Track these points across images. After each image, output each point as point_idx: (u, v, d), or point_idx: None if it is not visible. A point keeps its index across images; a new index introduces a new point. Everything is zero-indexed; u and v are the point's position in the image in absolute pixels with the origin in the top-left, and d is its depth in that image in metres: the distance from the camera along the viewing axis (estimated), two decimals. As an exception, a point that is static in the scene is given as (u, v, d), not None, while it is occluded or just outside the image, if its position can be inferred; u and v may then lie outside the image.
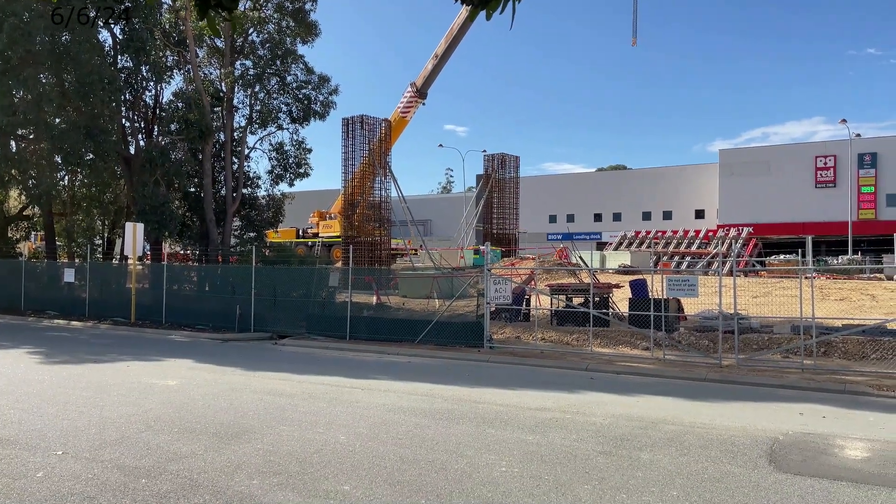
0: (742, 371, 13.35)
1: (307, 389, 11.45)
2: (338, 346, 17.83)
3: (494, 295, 16.71)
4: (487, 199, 45.80)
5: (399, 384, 12.16)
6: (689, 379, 12.93)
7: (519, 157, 47.10)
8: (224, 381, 12.28)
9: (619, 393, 11.53)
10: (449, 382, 12.30)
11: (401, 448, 7.60)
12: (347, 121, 34.59)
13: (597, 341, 16.48)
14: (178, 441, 7.84)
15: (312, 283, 20.30)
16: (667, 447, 7.78)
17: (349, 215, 34.53)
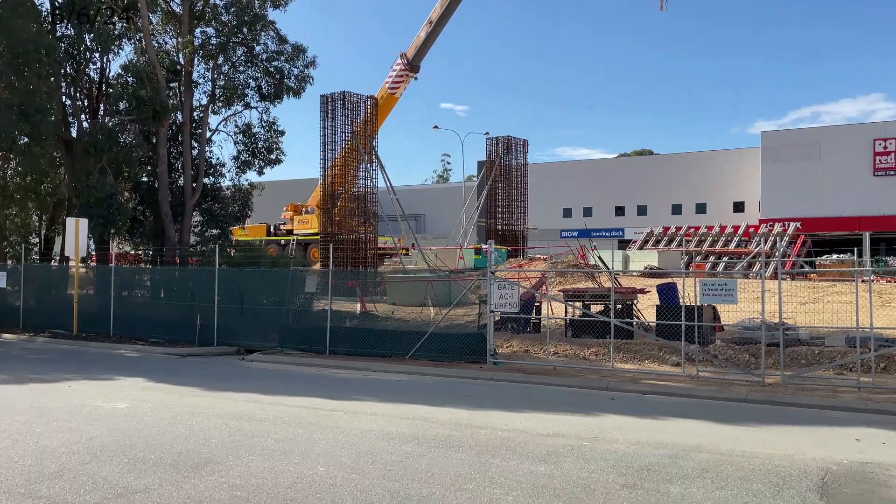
0: (788, 390, 13.38)
1: (280, 413, 11.45)
2: (316, 361, 17.85)
3: (499, 302, 16.75)
4: (491, 190, 45.85)
5: (387, 406, 12.14)
6: (726, 399, 12.96)
7: (527, 140, 47.16)
8: (183, 404, 12.26)
9: (645, 416, 11.54)
10: (446, 404, 12.29)
11: (389, 481, 7.61)
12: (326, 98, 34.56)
13: (619, 356, 16.52)
14: (128, 474, 7.84)
15: (286, 288, 20.32)
16: (700, 479, 7.81)
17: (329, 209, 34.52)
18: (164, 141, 26.65)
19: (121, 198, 25.59)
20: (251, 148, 29.08)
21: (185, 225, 27.38)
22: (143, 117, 25.10)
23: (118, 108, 26.14)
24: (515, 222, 46.16)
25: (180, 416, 11.19)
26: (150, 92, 24.98)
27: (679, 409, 12.18)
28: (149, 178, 28.12)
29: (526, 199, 46.87)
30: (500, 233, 45.39)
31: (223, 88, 27.93)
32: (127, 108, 25.89)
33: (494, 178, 45.64)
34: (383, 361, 17.28)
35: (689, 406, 12.48)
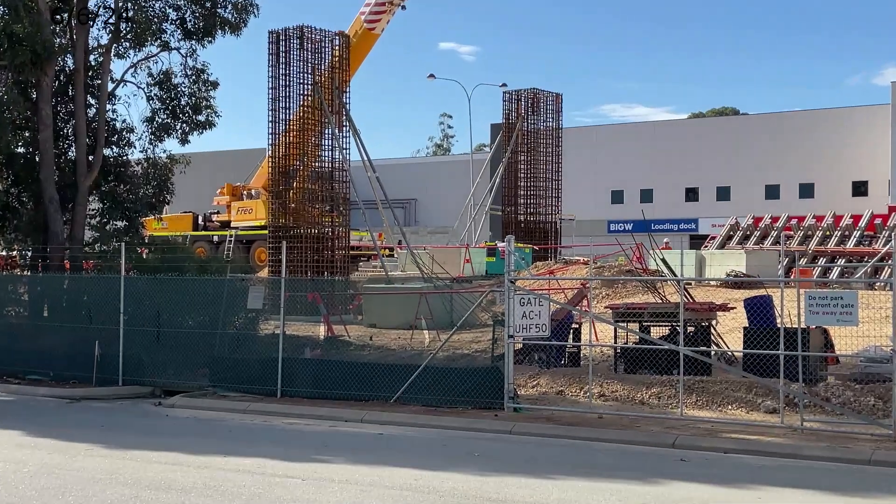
0: (931, 448, 13.36)
1: (212, 480, 11.42)
2: (263, 407, 17.81)
3: (522, 323, 16.71)
4: (510, 166, 45.83)
5: (363, 471, 12.11)
6: (843, 460, 12.91)
7: (561, 94, 47.14)
8: (75, 468, 12.22)
9: (729, 484, 11.50)
10: (446, 467, 12.25)
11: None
12: (278, 35, 34.51)
13: (691, 399, 16.46)
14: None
15: (220, 304, 20.28)
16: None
17: (280, 192, 34.51)
18: (48, 96, 26.57)
19: (-13, 176, 25.59)
20: (171, 106, 28.97)
21: (77, 215, 27.28)
22: (18, 63, 25.01)
23: (-17, 51, 26.11)
24: (544, 211, 46.12)
25: (71, 485, 11.16)
26: (29, 27, 24.92)
27: (777, 474, 12.14)
28: (27, 147, 28.01)
29: (560, 177, 46.85)
30: (523, 225, 45.32)
31: (131, 22, 27.85)
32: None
33: (515, 148, 45.60)
34: (358, 407, 17.23)
35: (791, 471, 12.44)
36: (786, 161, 67.25)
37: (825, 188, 65.49)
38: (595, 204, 70.47)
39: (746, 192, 67.68)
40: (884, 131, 61.26)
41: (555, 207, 46.51)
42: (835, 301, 14.71)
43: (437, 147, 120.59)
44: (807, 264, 39.79)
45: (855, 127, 65.31)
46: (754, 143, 68.91)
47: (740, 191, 68.56)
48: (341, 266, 34.27)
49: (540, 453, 13.69)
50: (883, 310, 17.81)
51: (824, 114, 68.49)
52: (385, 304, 26.69)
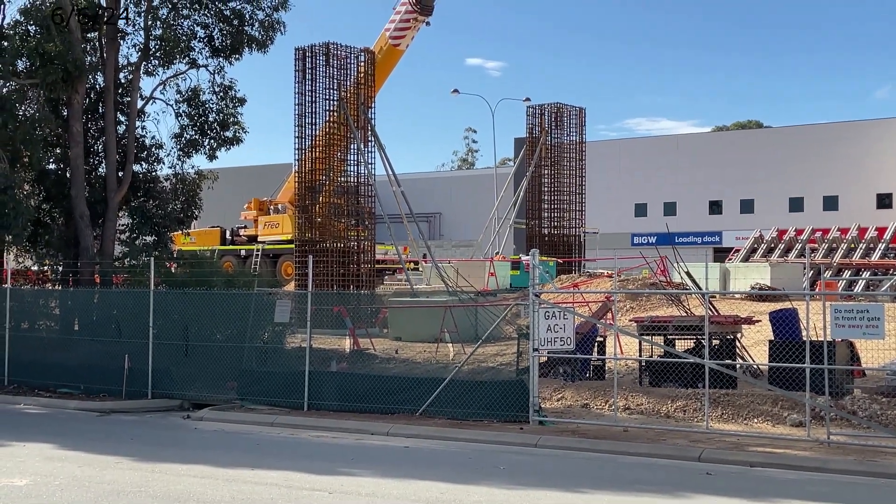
0: (959, 461, 13.23)
1: (240, 493, 11.45)
2: (290, 420, 17.88)
3: (546, 336, 16.69)
4: (534, 179, 45.80)
5: (390, 484, 12.11)
6: (870, 474, 12.81)
7: (584, 108, 47.11)
8: (105, 480, 12.28)
9: (755, 498, 11.44)
10: (472, 481, 12.23)
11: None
12: (304, 52, 34.72)
13: (716, 412, 16.37)
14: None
15: (248, 318, 20.37)
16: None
17: (307, 207, 34.64)
18: (78, 113, 26.85)
19: (19, 192, 25.74)
20: (199, 122, 29.21)
21: (107, 230, 27.53)
22: (50, 81, 25.30)
23: (15, 69, 26.38)
24: (568, 224, 46.03)
25: (100, 497, 11.22)
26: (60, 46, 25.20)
27: (804, 489, 12.06)
28: (58, 164, 28.31)
29: (583, 191, 46.76)
30: (548, 239, 45.25)
31: (160, 40, 28.13)
32: (28, 67, 26.15)
33: (539, 161, 45.56)
34: (384, 420, 17.28)
35: (818, 485, 12.34)
36: (809, 173, 66.85)
37: (849, 200, 65.04)
38: (619, 217, 70.27)
39: (770, 205, 67.30)
40: (910, 144, 60.87)
41: (578, 221, 46.41)
42: (861, 314, 14.62)
43: (461, 161, 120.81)
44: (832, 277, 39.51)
45: (878, 139, 64.90)
46: (777, 155, 68.55)
47: (764, 204, 68.16)
48: (367, 280, 34.31)
49: (565, 466, 13.64)
50: (909, 323, 17.66)
51: (847, 126, 68.06)
52: (410, 318, 26.69)
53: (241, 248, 47.47)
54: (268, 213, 47.62)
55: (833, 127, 68.92)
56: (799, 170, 67.28)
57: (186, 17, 28.50)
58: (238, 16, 28.34)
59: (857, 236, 44.10)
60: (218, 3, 28.16)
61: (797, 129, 71.73)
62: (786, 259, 43.14)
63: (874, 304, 16.75)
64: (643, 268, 39.53)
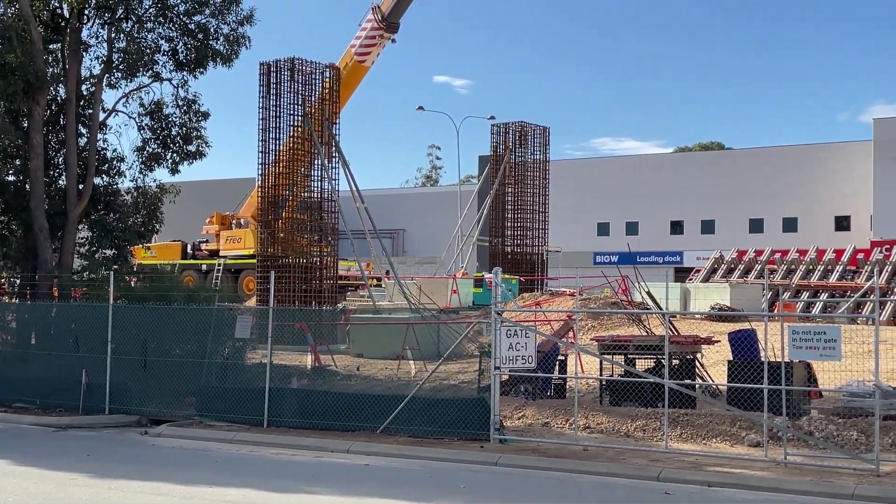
0: (913, 482, 13.39)
1: (198, 510, 11.37)
2: (250, 437, 17.74)
3: (508, 354, 16.72)
4: (497, 197, 45.98)
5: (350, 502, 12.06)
6: (826, 495, 12.92)
7: (548, 128, 47.44)
8: (61, 497, 12.13)
9: (713, 518, 11.50)
10: (433, 499, 12.21)
11: None
12: (269, 67, 34.67)
13: (675, 432, 16.46)
14: None
15: (208, 333, 20.24)
16: None
17: (269, 222, 34.53)
18: (39, 125, 26.59)
19: (-23, 204, 25.52)
20: (162, 136, 29.05)
21: (66, 243, 27.26)
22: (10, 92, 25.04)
23: (-26, 79, 26.14)
24: (531, 242, 46.23)
25: (56, 514, 11.08)
26: (21, 57, 24.99)
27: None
28: (17, 176, 27.99)
29: (547, 209, 47.04)
30: (510, 257, 45.41)
31: (124, 53, 27.97)
32: (-13, 78, 25.89)
33: (502, 180, 45.78)
34: (345, 438, 17.18)
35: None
36: (770, 195, 67.65)
37: (808, 223, 65.88)
38: (581, 236, 70.70)
39: (731, 226, 68.03)
40: (866, 167, 61.78)
41: (542, 239, 46.66)
42: (818, 336, 14.79)
43: (425, 178, 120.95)
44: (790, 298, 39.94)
45: (838, 162, 65.83)
46: (739, 177, 69.34)
47: (725, 224, 68.89)
48: (329, 296, 34.23)
49: (526, 485, 13.66)
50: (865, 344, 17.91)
51: (808, 149, 68.98)
52: (372, 334, 26.67)
53: (202, 263, 47.14)
54: (230, 228, 47.34)
55: (794, 150, 69.84)
56: (759, 191, 68.10)
57: (151, 30, 28.36)
58: (203, 30, 28.25)
59: (815, 258, 44.65)
60: (182, 16, 28.06)
61: (758, 151, 72.66)
62: (745, 280, 43.61)
63: (831, 326, 16.94)
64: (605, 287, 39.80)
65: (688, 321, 30.74)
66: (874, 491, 12.90)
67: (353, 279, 44.20)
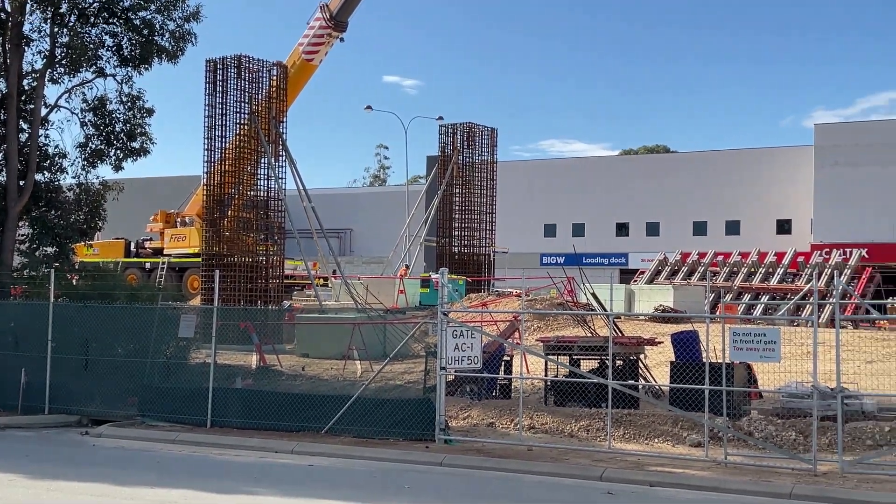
0: (849, 482, 13.63)
1: (139, 512, 11.26)
2: (193, 437, 17.61)
3: (454, 355, 16.75)
4: (445, 198, 46.03)
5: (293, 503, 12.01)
6: (765, 495, 13.13)
7: (496, 129, 47.57)
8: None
9: (654, 517, 11.62)
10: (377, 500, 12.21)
11: None
12: (215, 64, 34.39)
13: (619, 432, 16.62)
14: None
15: (151, 332, 20.03)
16: None
17: (215, 220, 34.24)
18: (-23, 120, 26.19)
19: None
20: (105, 132, 28.72)
21: (6, 240, 26.84)
22: (-52, 85, 24.66)
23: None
24: (478, 243, 46.36)
25: (-7, 516, 10.90)
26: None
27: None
28: (-46, 172, 27.52)
29: (494, 210, 47.18)
30: (458, 257, 45.48)
31: (67, 48, 27.59)
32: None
33: (450, 180, 45.83)
34: (289, 438, 17.11)
35: (714, 503, 12.61)
36: (713, 198, 68.43)
37: (751, 226, 66.72)
38: (528, 237, 70.94)
39: (675, 228, 68.69)
40: (807, 172, 62.76)
41: (489, 240, 46.79)
42: (758, 337, 15.02)
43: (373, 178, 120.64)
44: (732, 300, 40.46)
45: (780, 167, 66.76)
46: (683, 180, 70.05)
47: (669, 227, 69.54)
48: (275, 295, 34.06)
49: (470, 486, 13.70)
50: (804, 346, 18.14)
51: (751, 153, 69.83)
52: (318, 334, 26.55)
53: (146, 261, 46.71)
54: (174, 226, 46.93)
55: (737, 154, 70.68)
56: (703, 194, 68.88)
57: (95, 25, 28.02)
58: (148, 25, 28.00)
59: (757, 261, 45.25)
60: (127, 11, 27.79)
61: (703, 154, 73.49)
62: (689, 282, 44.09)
63: (771, 328, 17.21)
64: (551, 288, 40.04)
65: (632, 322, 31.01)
66: (811, 490, 13.13)
67: (299, 279, 43.99)
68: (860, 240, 56.28)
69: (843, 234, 58.44)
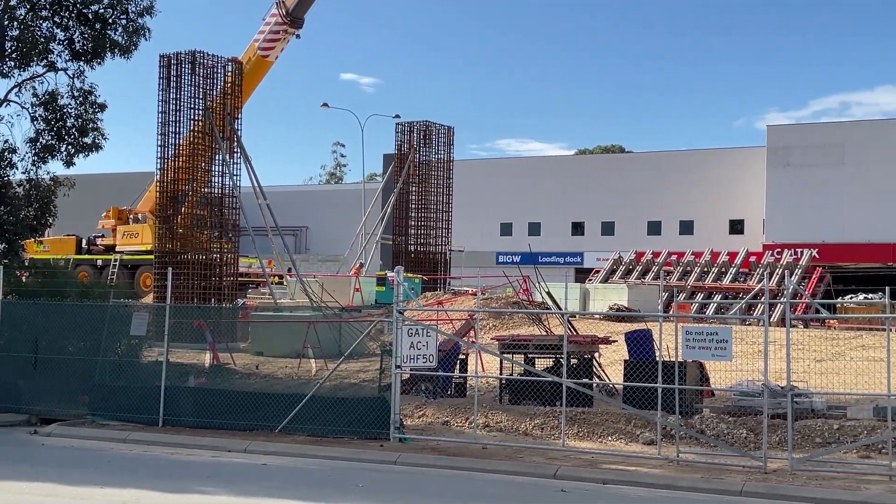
0: (798, 479, 13.81)
1: (88, 512, 11.13)
2: (144, 437, 17.42)
3: (409, 353, 16.73)
4: (401, 196, 46.02)
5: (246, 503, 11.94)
6: (716, 492, 13.27)
7: (452, 127, 47.66)
8: (-59, 499, 11.75)
9: (607, 515, 11.70)
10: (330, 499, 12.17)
11: None
12: (169, 59, 34.11)
13: (573, 430, 16.71)
14: None
15: (102, 330, 19.79)
16: None
17: (168, 217, 33.95)
18: (-76, 114, 25.71)
19: None
20: (56, 127, 28.29)
21: (-46, 236, 26.41)
22: None
23: None
24: (435, 241, 46.40)
25: (-63, 517, 10.72)
26: None
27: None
28: None
29: (450, 208, 47.25)
30: (414, 256, 45.50)
31: (17, 41, 27.18)
32: None
33: (406, 178, 45.83)
34: (243, 437, 16.99)
35: (666, 502, 12.71)
36: (667, 198, 69.04)
37: (704, 225, 67.42)
38: (485, 236, 71.12)
39: (630, 228, 69.21)
40: (760, 172, 63.53)
41: (445, 238, 46.86)
42: (710, 336, 15.16)
43: (329, 175, 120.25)
44: (685, 299, 40.89)
45: (733, 167, 67.51)
46: (638, 180, 70.57)
47: (624, 226, 70.05)
48: (229, 293, 33.84)
49: (424, 484, 13.70)
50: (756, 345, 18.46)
51: (704, 154, 70.56)
52: (272, 333, 26.40)
53: (97, 258, 46.23)
54: (127, 223, 46.48)
55: (692, 154, 71.40)
56: (658, 194, 69.46)
57: (46, 18, 27.60)
58: (101, 19, 27.62)
59: (710, 260, 45.76)
60: (79, 5, 27.43)
61: (658, 154, 74.19)
62: (643, 281, 44.48)
63: (723, 327, 17.39)
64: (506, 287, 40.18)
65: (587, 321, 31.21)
66: (761, 487, 13.30)
67: (254, 276, 43.76)
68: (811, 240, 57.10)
69: (794, 234, 59.25)
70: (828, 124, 67.06)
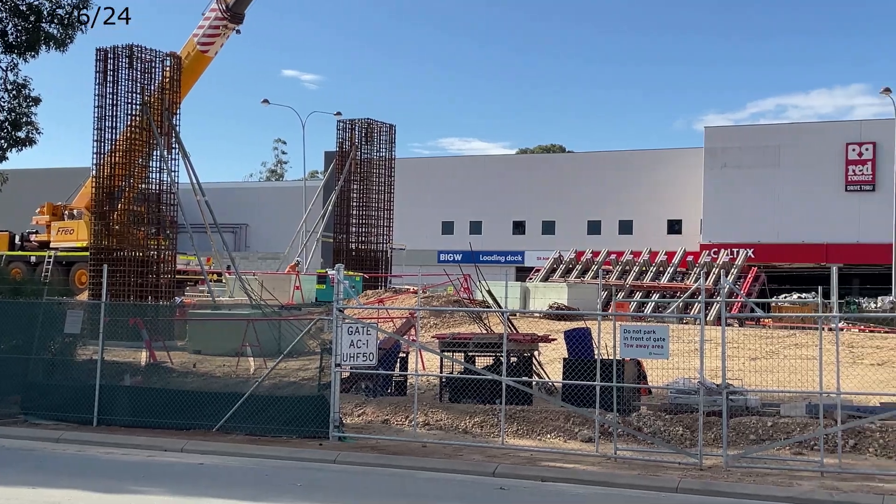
0: (733, 475, 14.02)
1: (19, 514, 10.93)
2: (78, 436, 17.14)
3: (349, 352, 16.68)
4: (343, 194, 45.84)
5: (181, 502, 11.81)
6: (652, 488, 13.42)
7: (394, 125, 47.56)
8: None
9: (545, 512, 11.77)
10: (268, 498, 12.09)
11: None
12: (105, 53, 33.56)
13: (512, 428, 16.76)
14: None
15: (35, 328, 19.47)
16: None
17: (104, 213, 33.43)
18: None
19: None
20: (-11, 121, 27.80)
21: None
22: None
23: None
24: (376, 239, 46.31)
25: None
26: None
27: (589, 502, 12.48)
28: None
29: (392, 206, 47.18)
30: (355, 254, 45.37)
31: (-52, 31, 26.60)
32: None
33: (348, 176, 45.66)
34: (179, 436, 16.80)
35: (603, 498, 12.83)
36: (607, 198, 69.69)
37: (643, 225, 68.18)
38: (426, 234, 71.17)
39: (570, 227, 69.75)
40: (697, 173, 64.41)
41: (386, 236, 46.78)
42: (648, 335, 15.32)
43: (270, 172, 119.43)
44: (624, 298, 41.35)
45: (672, 168, 68.35)
46: (578, 179, 71.18)
47: (564, 225, 70.60)
48: (166, 291, 33.42)
49: (363, 483, 13.66)
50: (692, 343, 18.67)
51: (644, 154, 71.34)
52: (210, 331, 26.12)
53: (31, 255, 45.33)
54: (62, 219, 45.64)
55: (631, 154, 72.14)
56: (597, 194, 70.11)
57: (-23, 9, 27.04)
58: (35, 11, 27.11)
59: (648, 260, 46.34)
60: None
61: (598, 154, 74.88)
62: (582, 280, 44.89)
63: (660, 325, 17.60)
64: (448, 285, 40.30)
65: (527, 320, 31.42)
66: (697, 484, 13.48)
67: (192, 274, 43.28)
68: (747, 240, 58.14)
69: (730, 234, 60.23)
70: (764, 126, 68.26)
